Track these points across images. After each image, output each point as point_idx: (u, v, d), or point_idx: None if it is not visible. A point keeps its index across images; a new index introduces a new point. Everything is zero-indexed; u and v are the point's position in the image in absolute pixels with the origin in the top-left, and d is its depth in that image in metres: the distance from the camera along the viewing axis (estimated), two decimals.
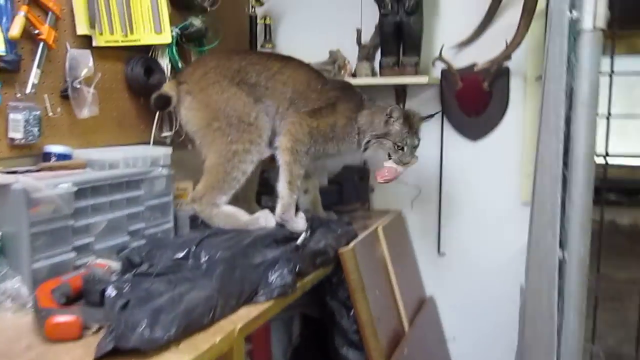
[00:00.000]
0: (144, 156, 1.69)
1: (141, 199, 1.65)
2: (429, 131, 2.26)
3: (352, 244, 1.82)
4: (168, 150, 1.78)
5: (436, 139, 2.40)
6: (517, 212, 2.24)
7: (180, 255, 1.45)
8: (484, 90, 2.26)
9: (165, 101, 1.79)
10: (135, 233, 1.64)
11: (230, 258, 1.43)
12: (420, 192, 2.44)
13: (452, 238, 2.44)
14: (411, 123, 1.89)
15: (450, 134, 2.39)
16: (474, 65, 2.24)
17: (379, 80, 2.30)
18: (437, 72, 2.35)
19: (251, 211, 1.83)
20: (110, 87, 1.86)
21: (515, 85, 2.27)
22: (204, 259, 1.43)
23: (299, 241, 1.69)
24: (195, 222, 1.82)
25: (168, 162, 1.76)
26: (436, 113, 2.01)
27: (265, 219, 1.77)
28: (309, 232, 1.76)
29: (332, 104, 1.89)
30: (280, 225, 1.77)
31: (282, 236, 1.66)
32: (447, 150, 2.40)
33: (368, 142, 1.89)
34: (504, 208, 2.32)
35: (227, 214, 1.77)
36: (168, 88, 1.80)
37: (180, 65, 1.99)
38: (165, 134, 2.01)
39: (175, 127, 1.98)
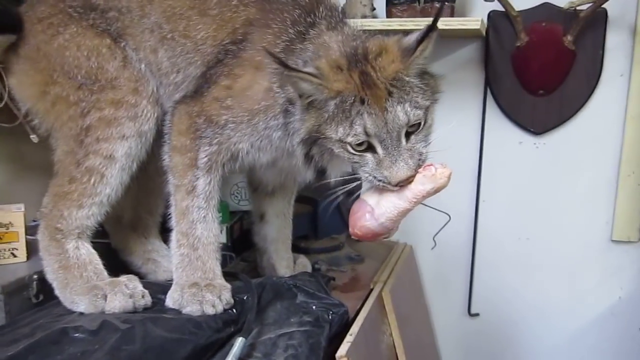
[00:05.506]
0: None
1: None
2: (461, 117, 1.85)
3: (343, 351, 1.17)
4: None
5: (473, 129, 1.90)
6: (607, 254, 1.85)
7: None
8: (564, 49, 1.76)
9: (10, 19, 1.34)
10: None
11: None
12: (450, 220, 1.85)
13: (491, 292, 2.01)
14: (364, 70, 1.03)
15: (498, 122, 1.90)
16: (550, 5, 1.79)
17: (383, 25, 1.82)
18: (480, 15, 1.86)
19: (145, 252, 1.47)
20: None
21: (616, 42, 1.81)
22: None
23: None
24: (23, 293, 1.27)
25: None
26: None
27: (132, 291, 1.19)
28: (248, 333, 1.11)
29: (239, 41, 1.20)
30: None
31: (196, 346, 1.06)
32: (490, 149, 1.91)
33: (308, 138, 1.11)
34: (585, 246, 1.89)
35: (71, 262, 1.24)
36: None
37: None
38: None
39: (5, 97, 1.52)
